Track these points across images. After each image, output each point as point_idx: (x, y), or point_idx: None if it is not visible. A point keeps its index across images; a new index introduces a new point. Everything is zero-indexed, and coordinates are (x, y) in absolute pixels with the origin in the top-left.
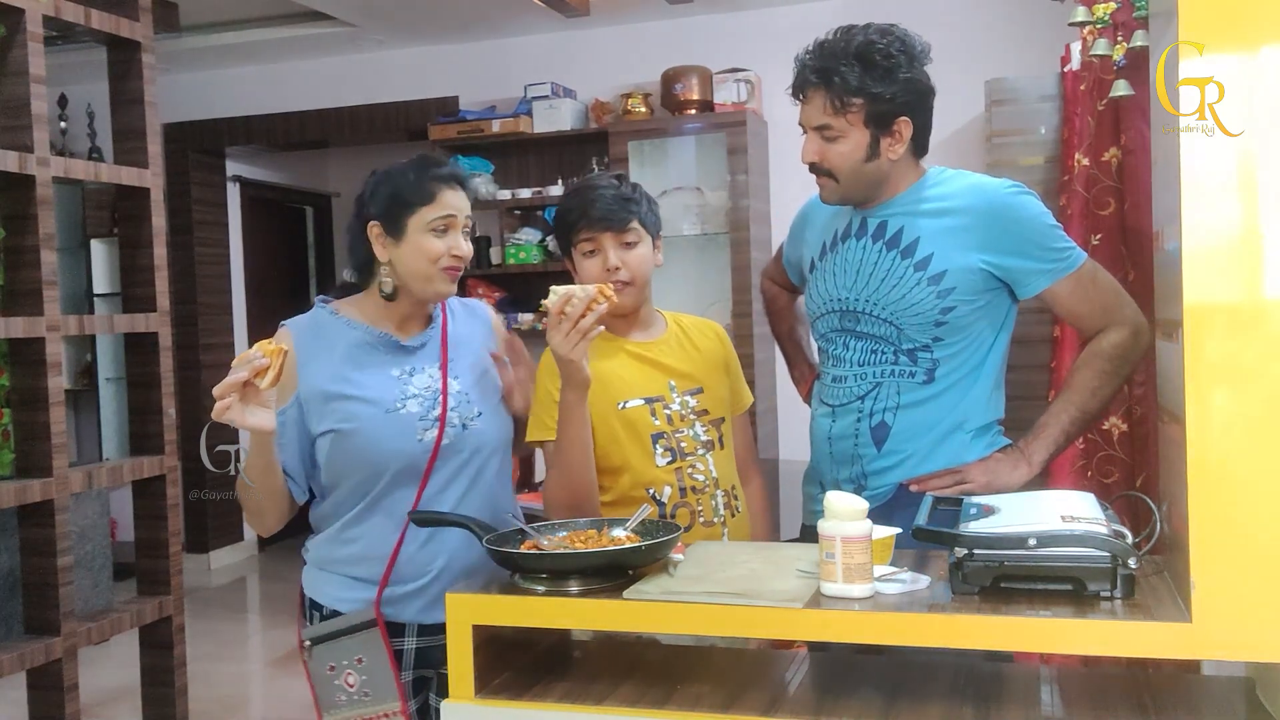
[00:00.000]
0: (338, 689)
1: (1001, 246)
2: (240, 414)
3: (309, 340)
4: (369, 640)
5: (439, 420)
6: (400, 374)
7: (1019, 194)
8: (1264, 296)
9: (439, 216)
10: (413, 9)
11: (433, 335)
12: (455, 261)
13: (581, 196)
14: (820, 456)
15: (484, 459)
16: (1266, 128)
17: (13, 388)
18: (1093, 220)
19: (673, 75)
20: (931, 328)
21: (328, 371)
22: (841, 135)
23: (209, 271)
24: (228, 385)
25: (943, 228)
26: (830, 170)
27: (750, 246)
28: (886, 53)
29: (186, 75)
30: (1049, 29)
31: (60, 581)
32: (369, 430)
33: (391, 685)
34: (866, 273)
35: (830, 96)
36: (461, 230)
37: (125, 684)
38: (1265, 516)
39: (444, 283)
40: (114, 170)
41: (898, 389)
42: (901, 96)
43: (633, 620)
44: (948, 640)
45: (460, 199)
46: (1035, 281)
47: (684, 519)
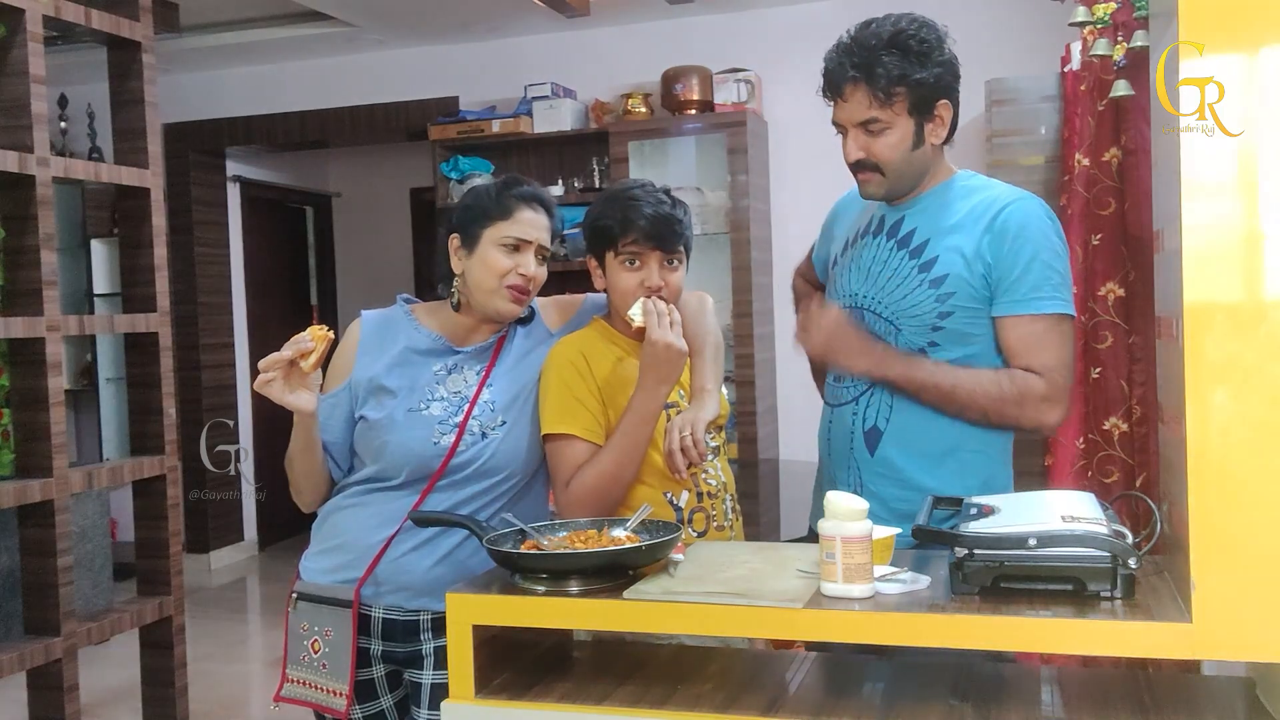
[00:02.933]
0: (304, 649)
1: (1000, 263)
2: (280, 391)
3: (374, 333)
4: (341, 618)
5: (459, 426)
6: (440, 369)
7: (1039, 219)
8: (1264, 296)
9: (511, 234)
10: (413, 9)
11: (488, 345)
12: (521, 280)
13: (631, 207)
14: (823, 455)
15: (502, 474)
16: (1266, 128)
17: (13, 388)
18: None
19: (673, 75)
20: (928, 331)
21: (380, 365)
22: (888, 126)
23: (209, 271)
24: (272, 360)
25: (953, 232)
26: (877, 164)
27: (750, 246)
28: (919, 38)
29: (186, 75)
30: (1049, 29)
31: (60, 581)
32: (388, 424)
33: (345, 669)
34: (876, 270)
35: (874, 89)
36: (536, 252)
37: (125, 684)
38: (1265, 516)
39: (505, 301)
40: (114, 170)
41: (890, 394)
42: (943, 79)
43: (633, 620)
44: (948, 640)
45: (538, 220)
46: (1001, 305)
47: (700, 524)
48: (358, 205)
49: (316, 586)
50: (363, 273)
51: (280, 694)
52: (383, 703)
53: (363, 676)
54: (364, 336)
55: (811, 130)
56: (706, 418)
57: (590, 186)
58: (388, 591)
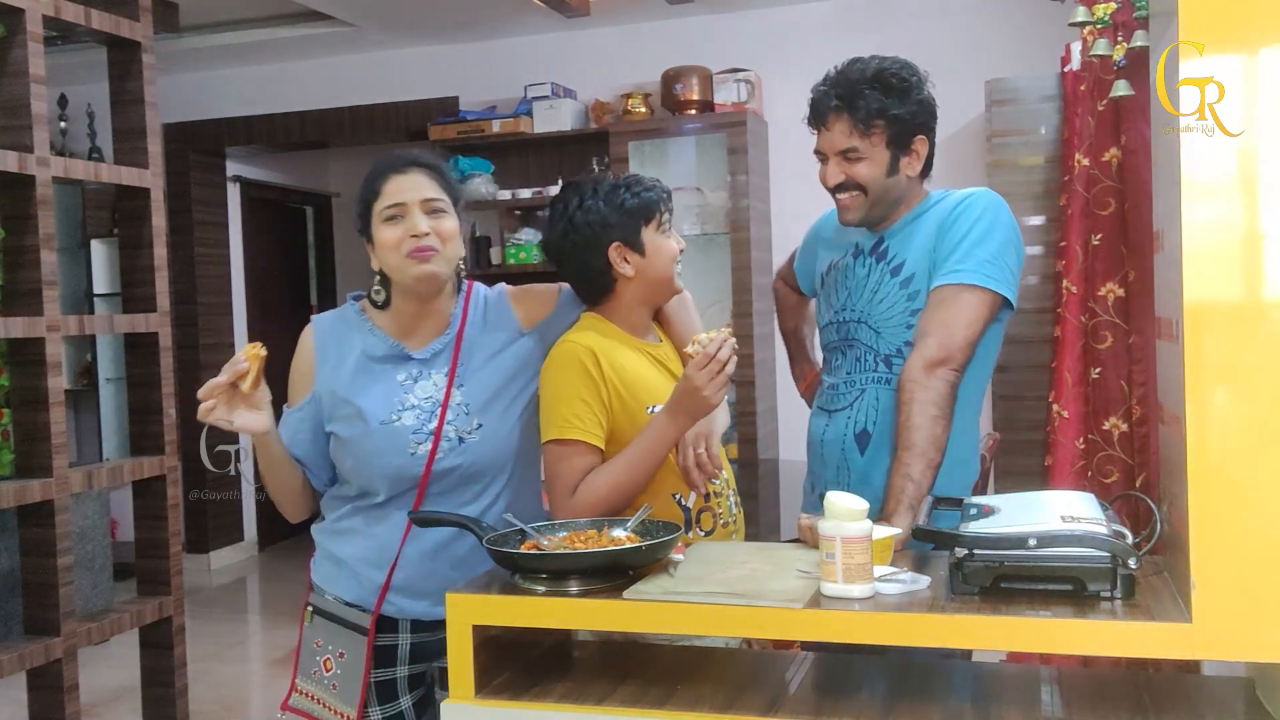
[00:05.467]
0: (316, 664)
1: (940, 246)
2: (225, 415)
3: (328, 340)
4: (356, 644)
5: (434, 434)
6: (405, 379)
7: (982, 205)
8: (1264, 296)
9: (386, 206)
10: (413, 9)
11: (446, 343)
12: (414, 242)
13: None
14: (813, 459)
15: (489, 475)
16: (1266, 128)
17: (13, 388)
18: (1093, 220)
19: (673, 75)
20: (903, 330)
21: (339, 375)
22: (864, 157)
23: (209, 271)
24: (210, 388)
25: (921, 241)
26: (860, 183)
27: (750, 246)
28: (900, 76)
29: (186, 75)
30: (1049, 29)
31: (60, 581)
32: (362, 442)
33: (356, 693)
34: (861, 288)
35: (854, 121)
36: (421, 210)
37: (125, 684)
38: (1265, 516)
39: (414, 265)
40: (114, 170)
41: (877, 395)
42: (919, 116)
43: (633, 620)
44: (948, 640)
45: (405, 180)
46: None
47: (707, 523)
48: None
49: (332, 605)
50: (363, 273)
51: (288, 703)
52: (402, 703)
53: (384, 677)
54: (319, 343)
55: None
56: (718, 430)
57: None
58: (407, 601)
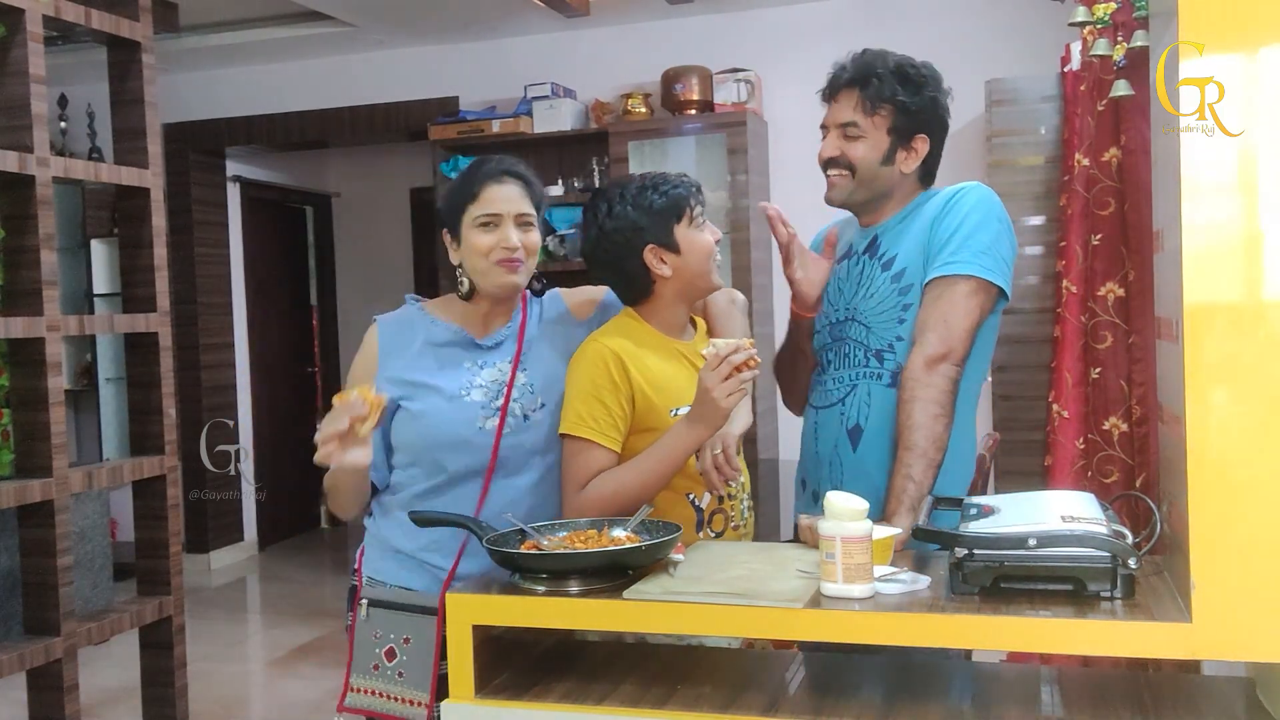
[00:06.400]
0: (375, 657)
1: (933, 240)
2: (341, 455)
3: (393, 336)
4: (423, 625)
5: (500, 410)
6: (471, 365)
7: (974, 199)
8: (1264, 296)
9: (482, 213)
10: (413, 9)
11: (510, 334)
12: (506, 254)
13: (679, 181)
14: (806, 456)
15: (554, 454)
16: (1266, 128)
17: (13, 388)
18: (1093, 220)
19: (673, 75)
20: (895, 325)
21: (404, 362)
22: (863, 136)
23: (209, 271)
24: (330, 434)
25: (913, 236)
26: (849, 163)
27: (750, 246)
28: (919, 72)
29: (186, 75)
30: (1049, 29)
31: (60, 581)
32: (432, 413)
33: (427, 677)
34: (855, 284)
35: (863, 97)
36: (514, 223)
37: (125, 684)
38: (1265, 516)
39: (501, 275)
40: (114, 170)
41: (869, 391)
42: (926, 113)
43: (633, 620)
44: (948, 640)
45: (504, 192)
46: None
47: (718, 525)
48: (357, 205)
49: (393, 592)
50: (362, 273)
51: (344, 704)
52: None
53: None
54: (383, 340)
55: (811, 130)
56: (737, 433)
57: (590, 187)
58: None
